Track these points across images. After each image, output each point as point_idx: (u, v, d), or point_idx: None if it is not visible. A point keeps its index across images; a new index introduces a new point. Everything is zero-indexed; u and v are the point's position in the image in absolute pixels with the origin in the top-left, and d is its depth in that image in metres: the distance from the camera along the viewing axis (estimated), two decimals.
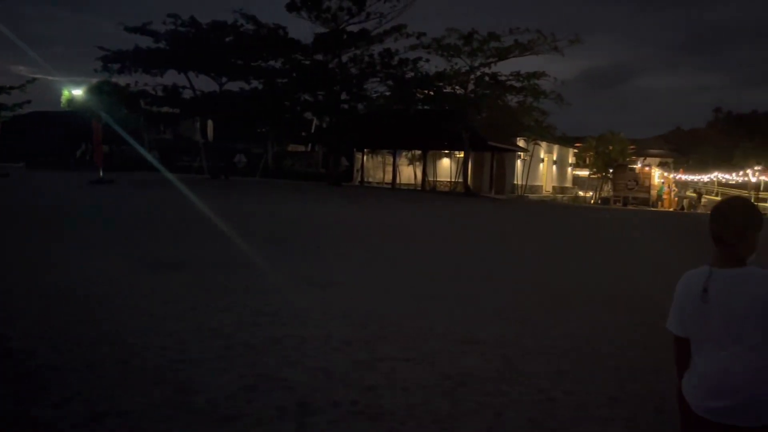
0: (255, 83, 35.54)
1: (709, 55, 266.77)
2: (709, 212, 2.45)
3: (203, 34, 33.14)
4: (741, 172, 65.26)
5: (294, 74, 35.49)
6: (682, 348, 2.47)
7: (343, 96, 35.78)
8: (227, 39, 33.88)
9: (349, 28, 34.53)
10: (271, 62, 35.71)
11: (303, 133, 40.99)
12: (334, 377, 4.58)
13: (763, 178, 57.89)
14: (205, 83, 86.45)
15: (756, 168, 63.15)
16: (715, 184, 58.34)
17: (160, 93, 34.41)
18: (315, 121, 40.83)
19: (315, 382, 4.45)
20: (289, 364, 4.83)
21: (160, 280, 7.93)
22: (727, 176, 62.93)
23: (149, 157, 33.85)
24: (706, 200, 45.63)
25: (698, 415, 2.39)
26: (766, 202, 47.55)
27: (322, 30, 34.71)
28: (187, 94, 34.92)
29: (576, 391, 4.49)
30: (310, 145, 45.97)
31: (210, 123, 36.50)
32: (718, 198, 47.58)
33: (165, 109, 36.04)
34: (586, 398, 4.36)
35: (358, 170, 43.03)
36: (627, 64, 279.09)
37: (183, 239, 12.07)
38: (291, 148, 47.26)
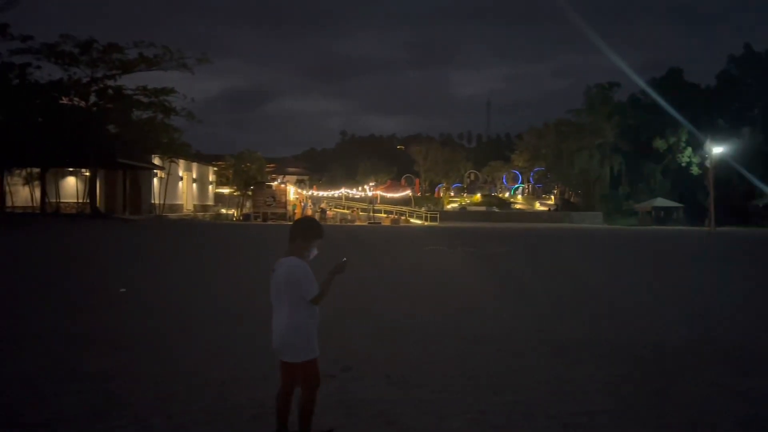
0: None
1: (336, 83, 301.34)
2: (335, 223, 3.61)
3: None
4: (361, 188, 75.20)
5: None
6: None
7: None
8: None
9: None
10: None
11: None
12: None
13: (378, 192, 67.43)
14: None
15: (371, 184, 73.59)
16: (343, 198, 65.50)
17: None
18: None
19: None
20: None
21: None
22: (351, 191, 71.62)
23: None
24: (332, 213, 50.88)
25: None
26: (380, 212, 55.32)
27: None
28: None
29: (177, 413, 4.32)
30: None
31: None
32: (346, 211, 53.61)
33: None
34: (185, 418, 4.22)
35: None
36: (265, 86, 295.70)
37: None
38: None
